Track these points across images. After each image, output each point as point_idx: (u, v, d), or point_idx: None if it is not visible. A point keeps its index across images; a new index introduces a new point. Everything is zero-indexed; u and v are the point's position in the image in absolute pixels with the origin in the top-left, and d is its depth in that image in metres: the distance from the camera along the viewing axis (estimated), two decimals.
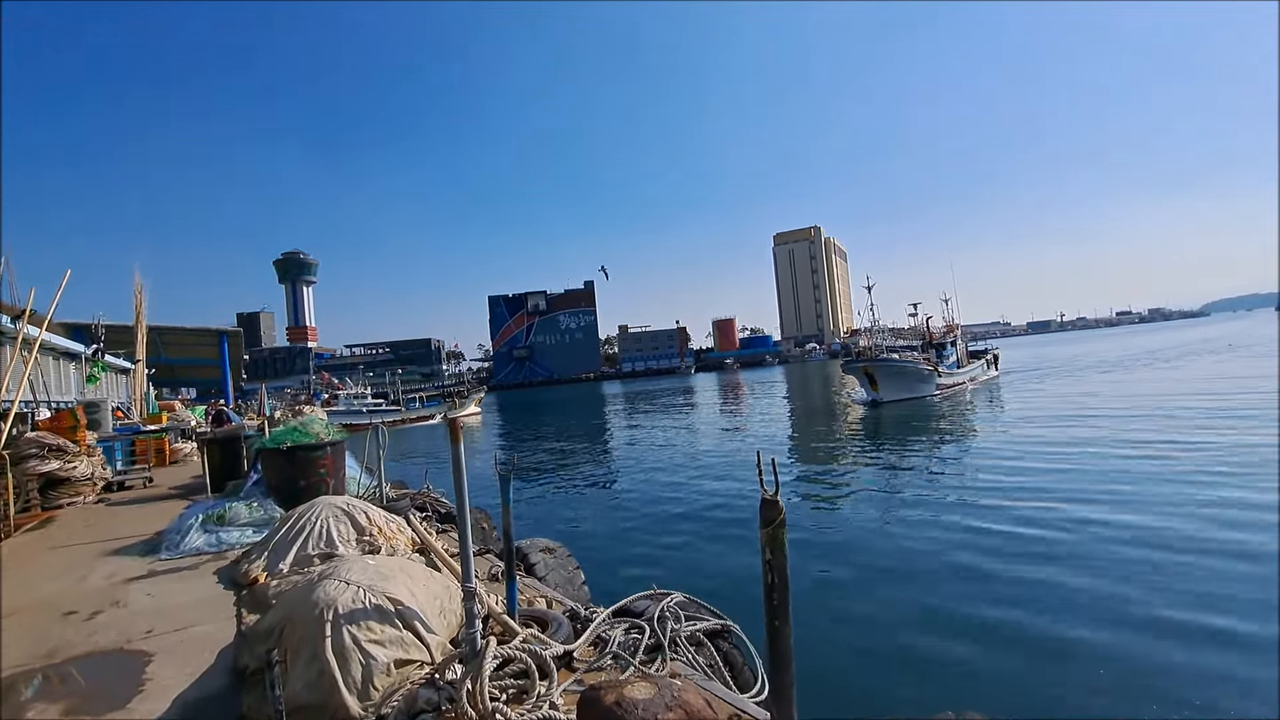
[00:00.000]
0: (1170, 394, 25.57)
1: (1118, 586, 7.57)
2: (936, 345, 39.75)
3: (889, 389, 32.90)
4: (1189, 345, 62.05)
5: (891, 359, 34.25)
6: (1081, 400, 26.67)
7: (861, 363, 33.71)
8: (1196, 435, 16.05)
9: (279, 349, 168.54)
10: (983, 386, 39.52)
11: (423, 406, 57.27)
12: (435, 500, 8.91)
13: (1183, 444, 15.14)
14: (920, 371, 34.30)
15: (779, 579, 1.83)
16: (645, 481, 17.34)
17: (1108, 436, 17.08)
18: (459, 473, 2.68)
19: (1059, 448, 16.29)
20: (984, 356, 45.73)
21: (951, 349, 40.95)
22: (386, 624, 3.02)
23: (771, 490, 1.94)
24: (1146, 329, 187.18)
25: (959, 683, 5.95)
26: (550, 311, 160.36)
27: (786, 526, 1.93)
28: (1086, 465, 14.10)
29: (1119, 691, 5.53)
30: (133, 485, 10.62)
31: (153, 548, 6.09)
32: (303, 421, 8.18)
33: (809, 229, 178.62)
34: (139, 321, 20.34)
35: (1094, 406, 24.05)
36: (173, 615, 4.26)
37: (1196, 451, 14.30)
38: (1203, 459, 13.55)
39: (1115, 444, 15.93)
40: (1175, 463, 13.46)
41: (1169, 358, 47.05)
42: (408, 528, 5.67)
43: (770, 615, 1.83)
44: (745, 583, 8.87)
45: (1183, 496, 10.97)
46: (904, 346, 38.21)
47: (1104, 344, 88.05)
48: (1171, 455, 14.13)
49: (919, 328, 43.34)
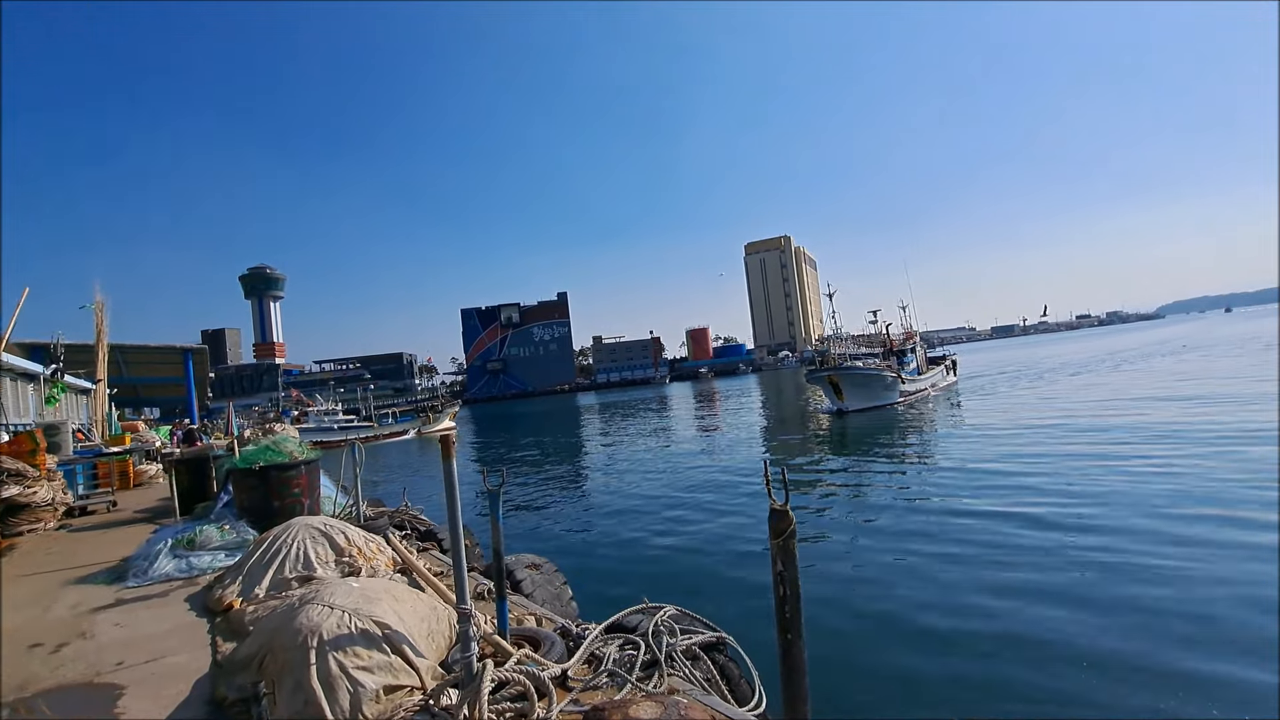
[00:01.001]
0: (1138, 397, 26.12)
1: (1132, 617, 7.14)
2: (897, 352, 39.52)
3: (854, 398, 32.45)
4: (1147, 346, 64.04)
5: (856, 367, 33.82)
6: (1042, 406, 26.83)
7: (826, 371, 33.14)
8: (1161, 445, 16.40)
9: (246, 366, 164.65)
10: (943, 393, 39.46)
11: (396, 422, 56.28)
12: (414, 517, 8.74)
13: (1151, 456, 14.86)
14: (884, 379, 33.98)
15: (791, 591, 1.78)
16: (626, 493, 17.25)
17: (1075, 448, 16.62)
18: (452, 490, 2.59)
19: (1026, 458, 15.86)
20: (943, 362, 45.65)
21: (911, 355, 40.75)
22: (374, 649, 2.91)
23: (781, 500, 1.88)
24: (1105, 331, 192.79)
25: (939, 689, 5.98)
26: (524, 324, 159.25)
27: (797, 537, 1.88)
28: (1060, 474, 13.74)
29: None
30: (96, 510, 10.21)
31: (119, 575, 5.84)
32: (275, 440, 7.96)
33: (779, 238, 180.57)
34: (100, 340, 19.66)
35: (1057, 413, 23.93)
36: (143, 645, 4.07)
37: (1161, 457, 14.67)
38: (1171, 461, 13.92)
39: (1084, 456, 15.40)
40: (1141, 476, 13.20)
41: (1132, 359, 48.49)
42: (388, 547, 5.53)
43: (783, 628, 1.79)
44: (734, 592, 8.87)
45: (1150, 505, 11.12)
46: (866, 354, 37.76)
47: (1066, 347, 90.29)
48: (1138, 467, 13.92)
49: (879, 335, 43.06)
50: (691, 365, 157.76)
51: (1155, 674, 5.81)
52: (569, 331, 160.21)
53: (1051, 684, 5.81)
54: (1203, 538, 9.04)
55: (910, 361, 39.80)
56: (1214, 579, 7.66)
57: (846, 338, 40.10)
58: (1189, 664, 5.90)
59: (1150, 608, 7.10)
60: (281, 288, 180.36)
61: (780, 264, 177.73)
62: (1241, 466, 12.57)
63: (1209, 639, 6.30)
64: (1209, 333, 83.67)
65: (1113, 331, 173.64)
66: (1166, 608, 7.07)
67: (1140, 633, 6.57)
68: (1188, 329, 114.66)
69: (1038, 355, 72.67)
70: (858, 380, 32.67)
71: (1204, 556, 8.38)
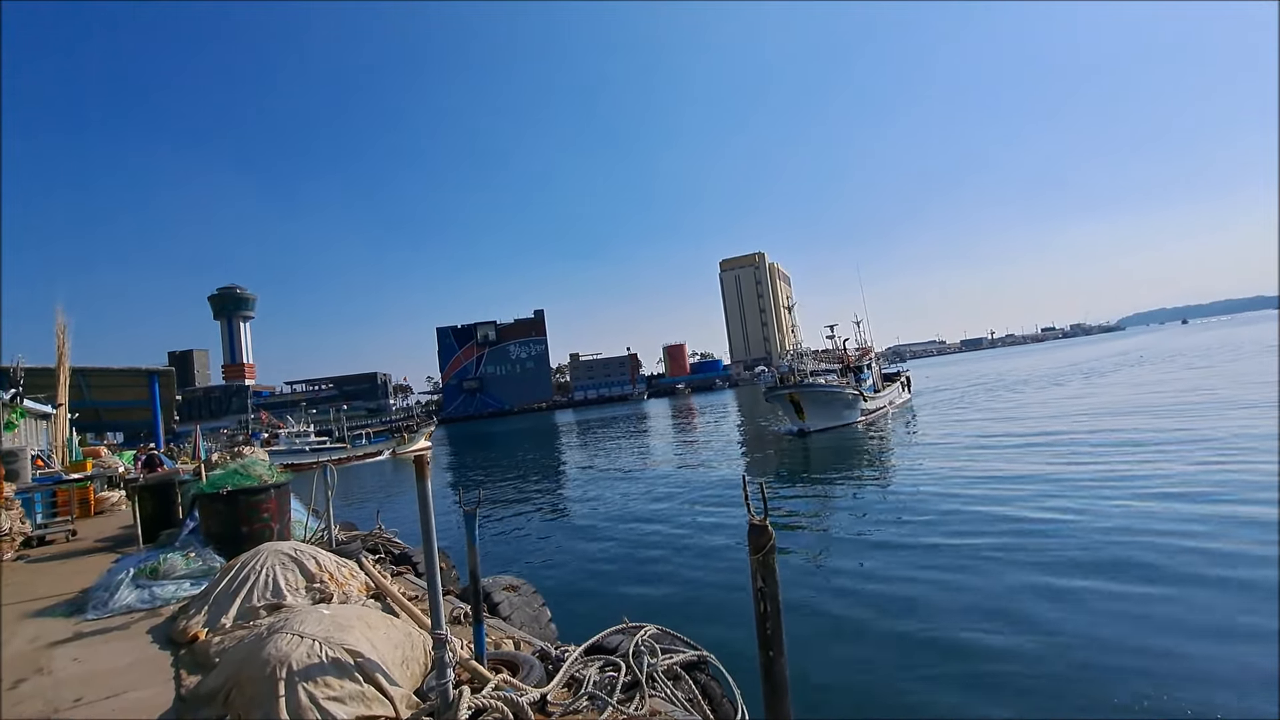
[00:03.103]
0: (1095, 411, 26.49)
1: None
2: (854, 369, 37.78)
3: (816, 417, 30.62)
4: (1107, 359, 65.60)
5: (819, 384, 31.96)
6: (1005, 425, 25.59)
7: (787, 389, 31.01)
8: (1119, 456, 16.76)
9: (214, 388, 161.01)
10: (900, 410, 38.49)
11: (369, 443, 55.25)
12: (388, 541, 8.58)
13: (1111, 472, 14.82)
14: (846, 397, 32.22)
15: (771, 607, 1.76)
16: (604, 512, 17.12)
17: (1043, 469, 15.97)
18: (426, 512, 2.54)
19: (991, 482, 15.12)
20: (897, 379, 44.07)
21: (868, 372, 39.22)
22: (346, 678, 2.83)
23: (760, 515, 1.87)
24: (1069, 343, 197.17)
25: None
26: (500, 341, 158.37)
27: (776, 551, 1.86)
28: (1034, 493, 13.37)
29: None
30: (54, 539, 9.82)
31: (79, 607, 5.61)
32: (244, 463, 7.76)
33: (754, 255, 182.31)
34: (61, 363, 19.07)
35: (1019, 432, 22.93)
36: (103, 681, 3.91)
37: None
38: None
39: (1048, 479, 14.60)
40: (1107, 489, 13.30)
41: (1103, 370, 49.31)
42: (360, 572, 5.41)
43: (764, 645, 1.76)
44: (715, 608, 8.81)
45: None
46: (826, 370, 35.80)
47: (1031, 359, 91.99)
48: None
49: (835, 351, 40.98)
50: (669, 381, 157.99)
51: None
52: (546, 349, 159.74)
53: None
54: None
55: (866, 378, 38.34)
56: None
57: (808, 353, 38.30)
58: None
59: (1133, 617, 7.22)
60: (252, 308, 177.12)
61: (755, 280, 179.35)
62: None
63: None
64: (1165, 344, 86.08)
65: (1076, 343, 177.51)
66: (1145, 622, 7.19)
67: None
68: (1146, 340, 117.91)
69: (1004, 368, 73.90)
70: (820, 398, 30.98)
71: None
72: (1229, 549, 8.93)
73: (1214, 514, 10.48)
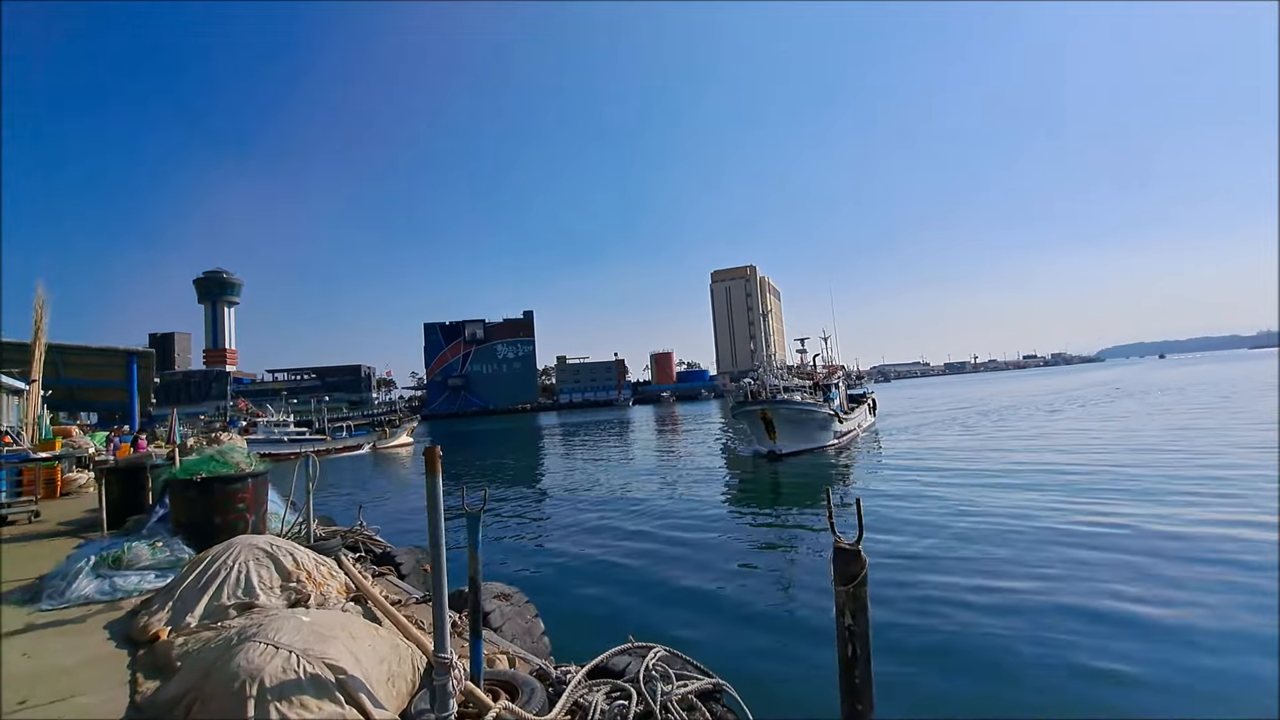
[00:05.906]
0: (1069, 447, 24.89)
1: None
2: (823, 387, 35.23)
3: (788, 438, 27.32)
4: (1085, 388, 66.03)
5: (794, 401, 28.87)
6: (990, 454, 23.40)
7: (758, 405, 27.79)
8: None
9: (194, 372, 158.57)
10: (868, 434, 35.97)
11: (350, 436, 54.45)
12: (369, 539, 8.22)
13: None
14: (818, 417, 29.08)
15: (861, 651, 1.40)
16: (591, 519, 16.70)
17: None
18: (435, 513, 2.22)
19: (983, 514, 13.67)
20: (864, 401, 41.29)
21: (835, 392, 36.58)
22: (325, 698, 2.50)
23: (852, 539, 1.51)
24: (1050, 372, 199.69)
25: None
26: (488, 340, 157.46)
27: (869, 584, 1.47)
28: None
29: None
30: (16, 520, 9.33)
31: (33, 595, 5.20)
32: (221, 450, 7.36)
33: (745, 267, 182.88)
34: (38, 338, 18.44)
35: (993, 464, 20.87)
36: (51, 681, 3.54)
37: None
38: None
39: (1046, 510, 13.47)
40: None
41: (1066, 403, 48.66)
42: (340, 572, 5.05)
43: (850, 695, 1.41)
44: (717, 626, 8.39)
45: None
46: (798, 386, 32.95)
47: (1012, 385, 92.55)
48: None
49: (804, 367, 38.36)
50: (654, 389, 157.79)
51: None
52: (533, 350, 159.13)
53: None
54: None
55: (834, 398, 35.25)
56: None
57: (781, 365, 36.12)
58: None
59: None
60: (237, 293, 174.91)
61: (745, 292, 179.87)
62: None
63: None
64: (1141, 378, 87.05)
65: (1057, 372, 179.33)
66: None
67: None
68: (1123, 373, 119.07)
69: (985, 393, 73.95)
70: (793, 417, 27.83)
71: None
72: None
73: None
